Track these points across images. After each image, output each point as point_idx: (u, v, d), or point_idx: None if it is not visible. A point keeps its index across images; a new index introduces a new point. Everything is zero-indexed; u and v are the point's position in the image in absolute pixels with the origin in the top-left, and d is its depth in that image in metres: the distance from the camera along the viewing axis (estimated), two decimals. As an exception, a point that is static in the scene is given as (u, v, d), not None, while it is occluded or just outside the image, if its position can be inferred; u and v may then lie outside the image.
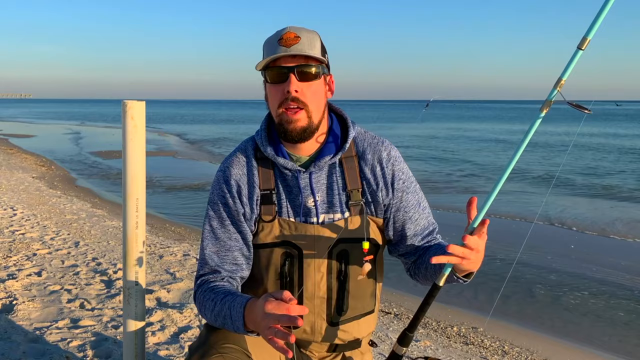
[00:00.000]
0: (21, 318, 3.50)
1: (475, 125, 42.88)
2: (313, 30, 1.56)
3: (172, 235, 7.14)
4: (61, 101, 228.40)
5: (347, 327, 1.65)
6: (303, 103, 1.51)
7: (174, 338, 3.30)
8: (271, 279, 1.60)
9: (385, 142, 1.67)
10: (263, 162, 1.62)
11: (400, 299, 5.03)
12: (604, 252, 6.94)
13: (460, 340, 4.11)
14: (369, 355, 1.79)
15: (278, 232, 1.59)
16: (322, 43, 1.57)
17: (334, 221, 1.59)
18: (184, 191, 11.37)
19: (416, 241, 1.68)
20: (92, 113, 70.79)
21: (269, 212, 1.60)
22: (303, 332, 1.63)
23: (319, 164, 1.58)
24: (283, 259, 1.59)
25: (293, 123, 1.52)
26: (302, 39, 1.50)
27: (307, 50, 1.50)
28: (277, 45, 1.50)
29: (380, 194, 1.62)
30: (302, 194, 1.59)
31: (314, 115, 1.54)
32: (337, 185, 1.60)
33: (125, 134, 1.64)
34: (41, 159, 16.50)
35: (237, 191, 1.61)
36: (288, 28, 1.53)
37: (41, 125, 38.62)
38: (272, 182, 1.61)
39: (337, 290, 1.60)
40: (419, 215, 1.67)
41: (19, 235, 6.08)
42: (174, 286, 4.40)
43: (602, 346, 4.27)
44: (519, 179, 12.96)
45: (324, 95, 1.58)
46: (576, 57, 1.31)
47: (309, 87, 1.51)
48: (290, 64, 1.50)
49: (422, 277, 1.68)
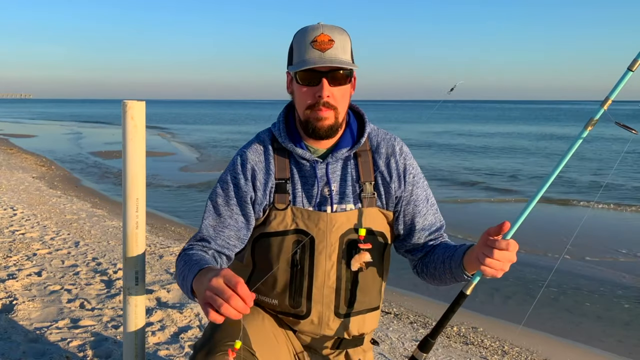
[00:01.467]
0: (21, 318, 3.50)
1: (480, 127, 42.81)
2: (344, 30, 1.58)
3: (172, 235, 7.14)
4: (61, 101, 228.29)
5: (353, 321, 1.67)
6: (333, 106, 1.56)
7: (174, 338, 3.30)
8: (282, 267, 1.62)
9: (397, 138, 1.73)
10: (279, 152, 1.67)
11: (400, 299, 5.03)
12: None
13: (460, 340, 4.11)
14: (370, 354, 1.81)
15: (291, 220, 1.62)
16: (351, 44, 1.60)
17: (346, 211, 1.63)
18: (184, 191, 11.37)
19: (424, 236, 1.72)
20: (92, 113, 70.75)
21: (282, 200, 1.63)
22: (310, 323, 1.64)
23: (336, 155, 1.63)
24: (294, 246, 1.61)
25: (322, 121, 1.57)
26: (335, 42, 1.53)
27: (341, 55, 1.53)
28: (310, 47, 1.52)
29: (393, 185, 1.67)
30: (319, 182, 1.62)
31: (341, 114, 1.60)
32: (351, 177, 1.65)
33: (125, 134, 1.64)
34: (41, 159, 16.50)
35: (251, 175, 1.65)
36: (321, 29, 1.54)
37: (41, 125, 38.62)
38: (287, 172, 1.64)
39: (347, 281, 1.63)
40: (427, 210, 1.72)
41: (19, 235, 6.08)
42: (174, 286, 4.40)
43: (602, 346, 4.27)
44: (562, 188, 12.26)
45: (349, 96, 1.64)
46: (625, 78, 1.32)
47: (339, 91, 1.56)
48: (323, 69, 1.53)
49: (429, 276, 1.71)
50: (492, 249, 1.38)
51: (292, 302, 1.63)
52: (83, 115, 61.71)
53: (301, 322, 1.65)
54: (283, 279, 1.62)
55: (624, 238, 7.78)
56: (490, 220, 3.31)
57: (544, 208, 9.65)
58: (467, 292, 1.50)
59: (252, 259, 1.70)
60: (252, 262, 1.70)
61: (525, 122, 51.03)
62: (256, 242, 1.66)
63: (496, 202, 10.93)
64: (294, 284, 1.62)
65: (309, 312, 1.63)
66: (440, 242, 1.73)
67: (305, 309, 1.63)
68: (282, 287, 1.63)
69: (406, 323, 4.35)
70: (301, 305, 1.63)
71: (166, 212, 9.00)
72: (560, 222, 8.57)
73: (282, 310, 1.66)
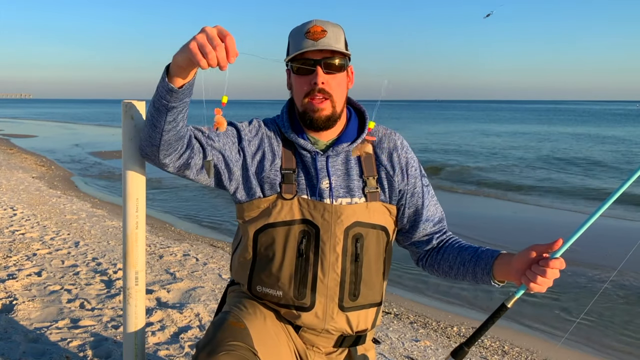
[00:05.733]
0: (21, 318, 3.50)
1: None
2: (337, 24, 1.64)
3: (172, 235, 7.13)
4: (61, 101, 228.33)
5: (356, 315, 1.68)
6: (328, 94, 1.60)
7: (174, 338, 3.30)
8: (288, 256, 1.62)
9: (397, 133, 1.78)
10: (285, 143, 1.69)
11: (400, 299, 5.03)
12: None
13: (460, 340, 4.10)
14: (372, 353, 1.82)
15: (298, 210, 1.63)
16: (345, 37, 1.64)
17: (350, 204, 1.64)
18: (184, 191, 11.37)
19: (428, 227, 1.76)
20: (92, 113, 70.77)
21: (289, 190, 1.64)
22: (314, 316, 1.64)
23: (336, 149, 1.66)
24: (300, 236, 1.62)
25: (319, 112, 1.60)
26: (328, 32, 1.59)
27: (334, 44, 1.58)
28: (304, 38, 1.58)
29: (397, 179, 1.71)
30: (319, 175, 1.64)
31: (338, 104, 1.63)
32: (355, 172, 1.68)
33: (125, 134, 1.64)
34: (41, 159, 16.49)
35: (260, 139, 1.67)
36: (314, 22, 1.61)
37: (41, 125, 38.62)
38: (294, 163, 1.67)
39: (351, 274, 1.64)
40: (429, 202, 1.77)
41: (19, 235, 6.08)
42: (174, 286, 4.40)
43: (602, 346, 4.27)
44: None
45: (346, 86, 1.67)
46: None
47: (334, 79, 1.60)
48: (317, 57, 1.58)
49: (442, 272, 1.76)
50: (545, 269, 1.45)
51: (297, 294, 1.63)
52: (83, 115, 61.73)
53: (305, 315, 1.64)
54: (288, 270, 1.63)
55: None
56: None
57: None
58: (508, 305, 1.54)
59: (253, 251, 1.68)
60: (253, 253, 1.68)
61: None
62: (260, 232, 1.66)
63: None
64: (298, 275, 1.62)
65: (313, 304, 1.63)
66: (451, 240, 1.79)
67: (309, 301, 1.63)
68: (287, 278, 1.63)
69: (406, 323, 4.35)
70: (305, 296, 1.63)
71: (166, 212, 9.01)
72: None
73: (286, 302, 1.65)
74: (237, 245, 1.78)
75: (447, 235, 1.81)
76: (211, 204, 9.74)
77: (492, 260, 1.62)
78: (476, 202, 11.37)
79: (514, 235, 7.93)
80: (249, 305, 1.67)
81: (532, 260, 1.50)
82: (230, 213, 8.83)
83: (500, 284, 1.64)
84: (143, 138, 1.51)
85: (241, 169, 1.64)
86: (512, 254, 1.59)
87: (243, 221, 1.69)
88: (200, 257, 5.64)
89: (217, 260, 5.65)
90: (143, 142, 1.52)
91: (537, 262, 1.48)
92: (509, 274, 1.57)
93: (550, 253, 1.49)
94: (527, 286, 1.50)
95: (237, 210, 1.71)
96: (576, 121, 53.50)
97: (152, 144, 1.47)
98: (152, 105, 1.43)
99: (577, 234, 1.44)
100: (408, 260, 1.95)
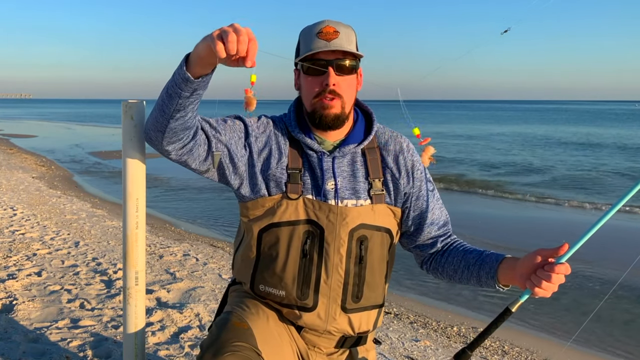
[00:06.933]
0: (21, 318, 3.50)
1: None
2: (349, 25, 1.63)
3: (172, 235, 7.13)
4: (61, 101, 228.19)
5: (358, 317, 1.68)
6: (339, 95, 1.59)
7: (174, 338, 3.30)
8: (292, 256, 1.62)
9: (403, 136, 1.78)
10: (292, 142, 1.69)
11: (400, 299, 5.03)
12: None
13: (460, 340, 4.10)
14: (373, 353, 1.82)
15: (303, 210, 1.63)
16: (356, 38, 1.64)
17: (356, 206, 1.64)
18: (184, 191, 11.36)
19: (433, 230, 1.76)
20: (92, 113, 70.76)
21: (295, 190, 1.64)
22: (317, 316, 1.64)
23: (343, 150, 1.66)
24: (305, 237, 1.62)
25: (328, 109, 1.60)
26: (340, 33, 1.58)
27: (346, 45, 1.58)
28: (316, 38, 1.58)
29: (402, 182, 1.70)
30: (324, 176, 1.64)
31: (347, 105, 1.63)
32: (361, 174, 1.67)
33: (125, 134, 1.64)
34: (41, 159, 16.49)
35: (267, 136, 1.67)
36: (327, 22, 1.60)
37: (41, 125, 38.61)
38: (300, 162, 1.66)
39: (354, 275, 1.64)
40: (434, 205, 1.77)
41: (19, 235, 6.08)
42: (174, 286, 4.40)
43: (602, 346, 4.27)
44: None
45: (355, 88, 1.67)
46: None
47: (345, 81, 1.60)
48: (329, 58, 1.57)
49: (446, 276, 1.76)
50: (550, 274, 1.45)
51: (300, 294, 1.63)
52: (83, 115, 61.72)
53: (307, 315, 1.64)
54: (291, 270, 1.62)
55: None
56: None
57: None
58: (512, 309, 1.55)
59: (257, 250, 1.68)
60: (256, 252, 1.68)
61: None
62: (264, 231, 1.65)
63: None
64: (302, 275, 1.62)
65: (315, 305, 1.63)
66: (456, 243, 1.78)
67: (312, 301, 1.63)
68: (291, 277, 1.63)
69: (406, 323, 4.35)
70: (308, 297, 1.63)
71: (166, 212, 9.00)
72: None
73: (288, 302, 1.65)
74: (240, 244, 1.77)
75: (452, 238, 1.80)
76: (211, 204, 9.74)
77: (496, 264, 1.62)
78: (488, 202, 11.37)
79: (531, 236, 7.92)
80: (251, 305, 1.67)
81: (537, 264, 1.50)
82: (231, 213, 8.83)
83: (504, 288, 1.63)
84: (150, 122, 1.49)
85: (246, 165, 1.64)
86: (517, 258, 1.58)
87: (247, 220, 1.69)
88: (200, 257, 5.64)
89: (217, 260, 5.64)
90: (149, 125, 1.50)
91: (543, 267, 1.48)
92: (513, 278, 1.57)
93: (555, 258, 1.48)
94: (531, 291, 1.50)
95: (241, 209, 1.70)
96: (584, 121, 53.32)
97: (157, 129, 1.46)
98: (165, 90, 1.41)
99: (583, 239, 1.43)
100: (408, 260, 1.96)
